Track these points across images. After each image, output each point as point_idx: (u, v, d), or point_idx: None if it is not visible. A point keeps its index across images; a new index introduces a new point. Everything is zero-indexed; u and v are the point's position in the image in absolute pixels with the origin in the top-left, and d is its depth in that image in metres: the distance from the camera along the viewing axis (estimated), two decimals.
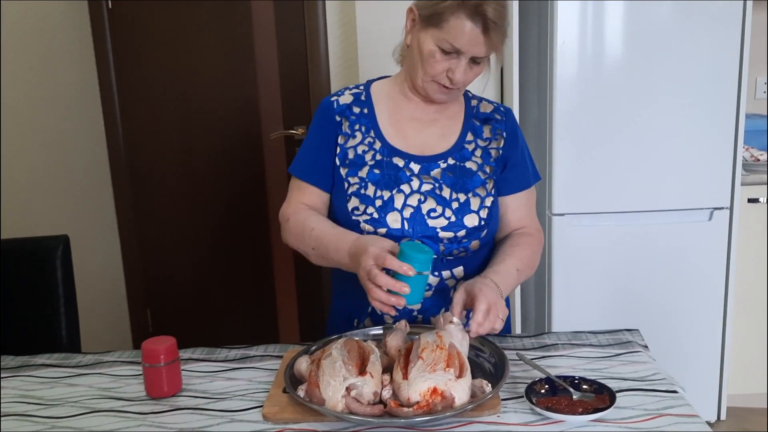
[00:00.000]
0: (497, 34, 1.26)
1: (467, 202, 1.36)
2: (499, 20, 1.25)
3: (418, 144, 1.41)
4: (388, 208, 1.35)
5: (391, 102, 1.44)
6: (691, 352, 2.37)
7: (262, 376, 1.27)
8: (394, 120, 1.43)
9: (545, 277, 2.37)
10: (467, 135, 1.43)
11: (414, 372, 1.06)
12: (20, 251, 1.68)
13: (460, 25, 1.25)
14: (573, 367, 1.24)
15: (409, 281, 1.12)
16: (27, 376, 1.32)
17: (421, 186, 1.37)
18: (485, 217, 1.37)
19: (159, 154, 2.85)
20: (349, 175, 1.39)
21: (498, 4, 1.25)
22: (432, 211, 1.35)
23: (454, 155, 1.40)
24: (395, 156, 1.39)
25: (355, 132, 1.42)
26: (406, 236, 1.34)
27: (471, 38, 1.26)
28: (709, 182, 2.28)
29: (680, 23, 2.17)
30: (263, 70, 2.74)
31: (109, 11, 2.71)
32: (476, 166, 1.40)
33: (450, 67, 1.31)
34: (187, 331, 2.93)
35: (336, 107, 1.44)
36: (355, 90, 1.47)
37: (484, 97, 1.50)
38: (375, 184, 1.36)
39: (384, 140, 1.40)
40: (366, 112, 1.43)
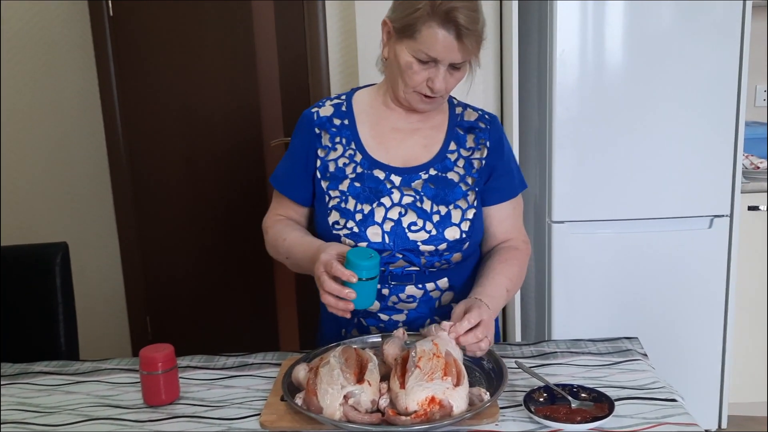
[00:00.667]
0: (471, 39, 1.25)
1: (448, 215, 1.35)
2: (472, 25, 1.23)
3: (400, 155, 1.39)
4: (369, 221, 1.34)
5: (373, 112, 1.43)
6: (691, 360, 2.37)
7: (260, 384, 1.27)
8: (376, 131, 1.41)
9: (545, 285, 2.37)
10: (450, 144, 1.41)
11: (411, 381, 1.06)
12: (19, 258, 1.68)
13: (433, 34, 1.24)
14: (572, 376, 1.24)
15: (355, 287, 1.16)
16: (25, 383, 1.32)
17: (401, 198, 1.35)
18: (466, 229, 1.35)
19: (159, 160, 2.86)
20: (330, 188, 1.38)
21: (469, 9, 1.23)
22: (413, 225, 1.33)
23: (436, 166, 1.38)
24: (376, 168, 1.38)
25: (335, 144, 1.40)
26: (387, 250, 1.33)
27: (445, 46, 1.25)
28: (709, 190, 2.28)
29: (680, 31, 2.18)
30: (264, 75, 2.75)
31: (110, 17, 2.72)
32: (458, 177, 1.38)
33: (429, 77, 1.29)
34: (186, 338, 2.94)
35: (316, 119, 1.42)
36: (337, 101, 1.45)
37: (469, 105, 1.48)
38: (355, 198, 1.36)
39: (365, 152, 1.39)
40: (347, 124, 1.42)
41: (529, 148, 2.46)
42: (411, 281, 1.37)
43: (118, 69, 2.76)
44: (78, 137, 2.93)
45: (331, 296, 1.18)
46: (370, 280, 1.18)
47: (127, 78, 2.78)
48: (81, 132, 2.92)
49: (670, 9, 2.17)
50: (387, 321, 1.39)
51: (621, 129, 2.23)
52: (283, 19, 2.71)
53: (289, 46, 2.71)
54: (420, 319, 1.38)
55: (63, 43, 2.85)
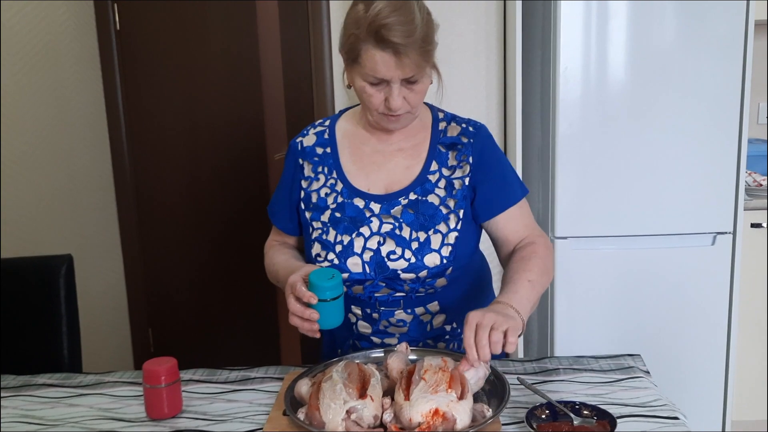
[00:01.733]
0: (412, 52, 1.20)
1: (427, 241, 1.32)
2: (407, 38, 1.19)
3: (381, 179, 1.37)
4: (348, 252, 1.32)
5: (355, 138, 1.41)
6: (694, 377, 2.36)
7: (263, 398, 1.27)
8: (357, 157, 1.40)
9: (548, 301, 2.37)
10: (431, 164, 1.37)
11: (416, 393, 1.06)
12: (24, 270, 1.68)
13: (371, 56, 1.21)
14: (574, 392, 1.24)
15: (318, 308, 1.18)
16: (28, 395, 1.33)
17: (381, 227, 1.33)
18: (447, 255, 1.31)
19: (163, 173, 2.87)
20: (313, 219, 1.38)
21: (401, 23, 1.18)
22: (392, 254, 1.31)
23: (416, 189, 1.35)
24: (356, 197, 1.36)
25: (318, 174, 1.40)
26: (368, 279, 1.32)
27: (386, 66, 1.21)
28: (712, 207, 2.28)
29: (682, 48, 2.19)
30: (268, 84, 2.77)
31: (117, 31, 2.74)
32: (438, 200, 1.35)
33: (386, 96, 1.26)
34: (188, 351, 2.94)
35: (299, 149, 1.42)
36: (320, 128, 1.44)
37: (456, 116, 1.44)
38: (336, 229, 1.35)
39: (346, 181, 1.38)
40: (329, 152, 1.41)
41: (532, 164, 2.47)
42: (399, 306, 1.36)
43: (123, 82, 2.78)
44: (83, 150, 2.95)
45: (296, 317, 1.19)
46: (334, 300, 1.19)
47: (132, 91, 2.80)
48: (86, 145, 2.94)
49: (672, 27, 2.18)
50: (380, 344, 1.39)
51: (624, 145, 2.24)
52: (287, 23, 2.72)
53: (293, 48, 2.72)
54: (413, 342, 1.36)
55: (69, 56, 2.88)
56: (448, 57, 2.51)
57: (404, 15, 1.19)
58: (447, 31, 2.49)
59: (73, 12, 2.84)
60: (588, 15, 2.18)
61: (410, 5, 1.21)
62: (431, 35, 1.25)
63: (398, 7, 1.19)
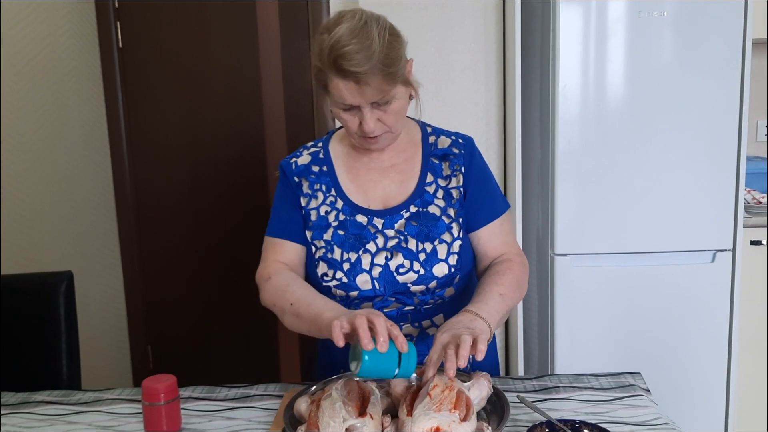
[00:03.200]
0: (373, 77, 1.20)
1: (434, 252, 1.33)
2: (365, 65, 1.18)
3: (379, 196, 1.39)
4: (357, 270, 1.32)
5: (348, 157, 1.42)
6: (694, 396, 2.35)
7: (262, 416, 1.26)
8: (353, 174, 1.40)
9: (548, 318, 2.36)
10: (427, 176, 1.39)
11: (419, 408, 1.05)
12: (24, 287, 1.68)
13: (335, 85, 1.22)
14: (574, 411, 1.23)
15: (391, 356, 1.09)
16: (27, 413, 1.32)
17: (386, 242, 1.34)
18: (455, 263, 1.33)
19: (164, 192, 2.88)
20: (315, 238, 1.37)
21: (357, 50, 1.18)
22: (400, 267, 1.32)
23: (416, 202, 1.37)
24: (358, 214, 1.37)
25: (316, 192, 1.40)
26: (378, 296, 1.33)
27: (350, 93, 1.22)
28: (712, 224, 2.29)
29: (681, 66, 2.20)
30: (269, 103, 2.78)
31: (119, 49, 2.76)
32: (439, 210, 1.36)
33: (360, 120, 1.27)
34: (188, 368, 2.93)
35: (294, 169, 1.41)
36: (314, 148, 1.45)
37: (443, 130, 1.45)
38: (341, 247, 1.34)
39: (345, 198, 1.38)
40: (326, 170, 1.41)
41: (531, 181, 2.48)
42: (407, 320, 1.37)
43: (125, 99, 2.79)
44: (84, 167, 2.96)
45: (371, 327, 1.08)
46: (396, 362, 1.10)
47: (134, 108, 2.81)
48: (87, 162, 2.95)
49: (670, 45, 2.20)
50: None
51: (623, 163, 2.25)
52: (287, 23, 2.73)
53: (293, 48, 2.73)
54: (419, 357, 1.35)
55: (72, 73, 2.89)
56: (447, 75, 2.52)
57: (362, 41, 1.19)
58: (447, 49, 2.51)
59: (76, 30, 2.86)
60: (586, 34, 2.20)
61: (369, 29, 1.21)
62: (395, 56, 1.24)
63: (357, 34, 1.19)
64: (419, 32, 2.49)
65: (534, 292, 2.52)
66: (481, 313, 1.22)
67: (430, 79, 2.52)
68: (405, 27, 2.57)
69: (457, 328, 1.16)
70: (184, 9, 2.74)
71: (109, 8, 2.72)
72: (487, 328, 1.20)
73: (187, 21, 2.75)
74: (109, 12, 2.72)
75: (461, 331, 1.13)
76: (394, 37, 1.26)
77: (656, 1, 2.16)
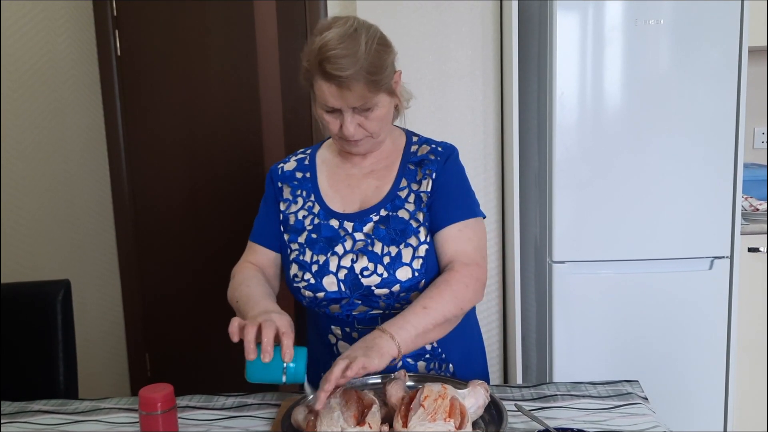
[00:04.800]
0: (356, 83, 1.23)
1: (399, 255, 1.34)
2: (349, 70, 1.21)
3: (356, 200, 1.41)
4: (324, 272, 1.35)
5: (332, 163, 1.47)
6: (693, 402, 2.35)
7: (259, 425, 1.26)
8: (333, 180, 1.44)
9: (546, 325, 2.36)
10: (401, 181, 1.41)
11: (414, 420, 1.05)
12: (21, 296, 1.68)
13: (320, 87, 1.26)
14: (572, 419, 1.23)
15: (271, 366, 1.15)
16: (24, 422, 1.32)
17: (354, 245, 1.36)
18: (419, 267, 1.34)
19: (162, 199, 2.88)
20: (291, 241, 1.42)
21: (342, 55, 1.21)
22: (365, 270, 1.34)
23: (387, 206, 1.39)
24: (332, 218, 1.40)
25: (296, 197, 1.44)
26: (344, 298, 1.35)
27: (333, 96, 1.25)
28: (709, 231, 2.29)
29: (678, 74, 2.21)
30: (267, 112, 2.78)
31: (118, 57, 2.76)
32: (408, 214, 1.38)
33: (340, 123, 1.31)
34: (186, 376, 2.92)
35: (279, 174, 1.48)
36: (302, 155, 1.51)
37: (431, 140, 1.46)
38: (312, 249, 1.37)
39: (322, 203, 1.42)
40: (308, 177, 1.46)
41: (529, 189, 2.48)
42: (377, 323, 1.36)
43: (123, 107, 2.80)
44: (82, 175, 2.96)
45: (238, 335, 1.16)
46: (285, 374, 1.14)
47: (132, 116, 2.81)
48: (85, 169, 2.95)
49: (667, 53, 2.21)
50: None
51: (620, 170, 2.25)
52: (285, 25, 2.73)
53: (291, 50, 2.74)
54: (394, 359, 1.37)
55: (70, 81, 2.90)
56: (445, 82, 2.53)
57: (348, 47, 1.22)
58: (444, 56, 2.52)
59: (74, 37, 2.87)
60: (583, 41, 2.21)
61: (358, 36, 1.24)
62: (380, 65, 1.26)
63: (345, 39, 1.23)
64: (417, 40, 2.49)
65: (532, 300, 2.52)
66: (390, 330, 1.21)
67: (427, 87, 2.52)
68: (403, 34, 2.59)
69: (355, 349, 1.17)
70: (182, 17, 2.74)
71: (108, 16, 2.72)
72: (390, 345, 1.19)
73: (184, 28, 2.76)
74: (108, 20, 2.73)
75: (353, 353, 1.15)
76: (383, 46, 1.29)
77: (653, 9, 2.16)
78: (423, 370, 1.42)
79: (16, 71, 2.88)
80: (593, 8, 2.19)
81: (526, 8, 2.42)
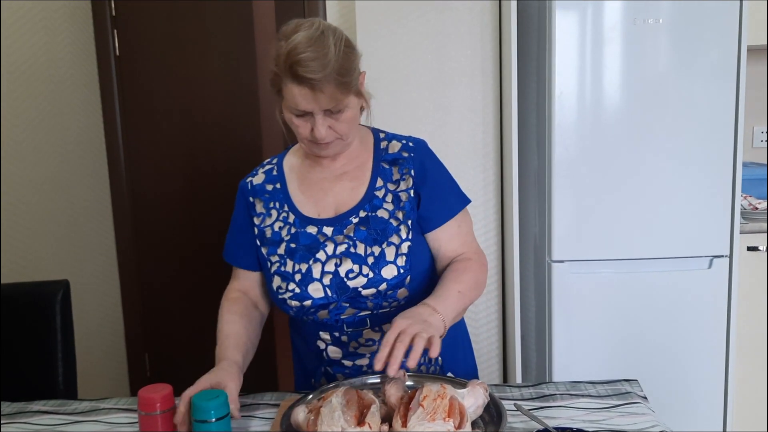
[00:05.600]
0: (327, 85, 1.23)
1: (382, 254, 1.34)
2: (320, 73, 1.21)
3: (330, 204, 1.40)
4: (308, 279, 1.34)
5: (301, 169, 1.45)
6: (693, 401, 2.35)
7: (258, 425, 1.26)
8: (305, 187, 1.43)
9: (545, 324, 2.36)
10: (377, 181, 1.40)
11: (413, 420, 1.05)
12: (20, 296, 1.68)
13: (290, 90, 1.25)
14: (571, 418, 1.23)
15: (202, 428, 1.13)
16: (23, 422, 1.32)
17: (336, 249, 1.35)
18: (403, 264, 1.34)
19: (162, 199, 2.88)
20: (270, 254, 1.40)
21: (312, 58, 1.21)
22: (350, 272, 1.33)
23: (365, 207, 1.38)
24: (308, 225, 1.39)
25: (270, 210, 1.43)
26: (331, 302, 1.34)
27: (304, 99, 1.25)
28: (709, 230, 2.29)
29: (677, 74, 2.21)
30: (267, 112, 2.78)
31: (117, 57, 2.76)
32: (388, 214, 1.38)
33: (311, 126, 1.29)
34: (186, 376, 2.91)
35: (249, 189, 1.46)
36: (269, 166, 1.48)
37: (396, 135, 1.47)
38: (292, 259, 1.36)
39: (297, 211, 1.41)
40: (279, 187, 1.44)
41: (528, 189, 2.48)
42: (366, 325, 1.38)
43: (122, 107, 2.80)
44: (81, 175, 2.96)
45: None
46: (219, 421, 1.13)
47: (131, 116, 2.81)
48: (84, 170, 2.95)
49: (666, 52, 2.21)
50: (351, 367, 1.40)
51: (619, 169, 2.25)
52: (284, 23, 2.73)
53: None
54: None
55: (69, 82, 2.90)
56: (444, 83, 2.53)
57: (318, 50, 1.22)
58: (444, 57, 2.52)
59: (72, 38, 2.87)
60: (582, 41, 2.21)
61: (326, 39, 1.24)
62: (349, 66, 1.27)
63: (313, 42, 1.23)
64: (417, 40, 2.49)
65: (532, 299, 2.52)
66: (438, 309, 1.25)
67: (426, 87, 2.52)
68: (402, 35, 2.59)
69: (416, 319, 1.19)
70: (181, 17, 2.74)
71: (106, 16, 2.72)
72: (441, 325, 1.23)
73: (183, 28, 2.75)
74: (106, 19, 2.73)
75: (417, 326, 1.17)
76: (350, 48, 1.30)
77: (651, 8, 2.16)
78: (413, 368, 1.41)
79: (14, 71, 2.88)
80: (592, 8, 2.19)
81: (525, 8, 2.42)
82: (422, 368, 1.42)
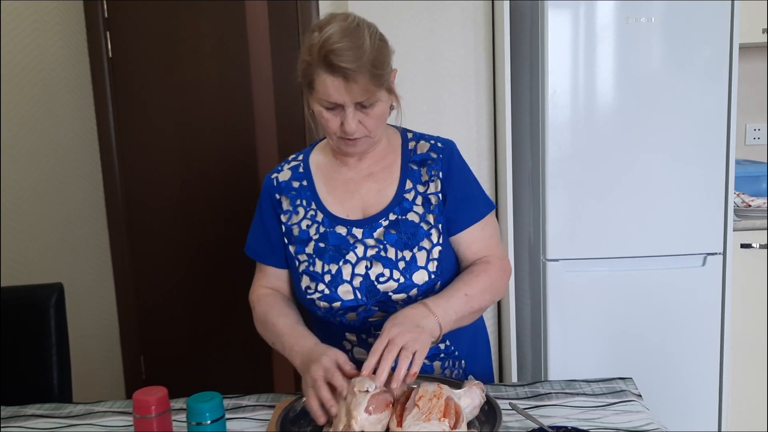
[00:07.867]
0: (362, 76, 1.22)
1: (413, 259, 1.33)
2: (355, 63, 1.20)
3: (357, 205, 1.39)
4: (338, 281, 1.33)
5: (328, 168, 1.43)
6: (687, 398, 2.36)
7: (254, 427, 1.26)
8: (331, 186, 1.41)
9: (541, 323, 2.37)
10: (406, 183, 1.39)
11: (409, 420, 1.05)
12: (14, 299, 1.67)
13: (322, 81, 1.23)
14: (566, 417, 1.24)
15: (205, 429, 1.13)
16: (18, 426, 1.31)
17: (366, 251, 1.34)
18: (434, 270, 1.33)
19: (156, 201, 2.87)
20: (298, 252, 1.38)
21: (348, 48, 1.20)
22: (380, 276, 1.32)
23: (395, 210, 1.36)
24: (338, 225, 1.37)
25: (297, 207, 1.40)
26: (361, 305, 1.33)
27: (337, 90, 1.23)
28: (702, 228, 2.30)
29: (669, 72, 2.22)
30: (260, 113, 2.78)
31: (110, 59, 2.75)
32: (418, 217, 1.36)
33: (341, 121, 1.28)
34: (181, 378, 2.92)
35: (275, 185, 1.43)
36: (294, 162, 1.46)
37: (424, 135, 1.45)
38: (321, 259, 1.35)
39: (325, 210, 1.39)
40: (305, 185, 1.42)
41: (522, 187, 2.49)
42: None
43: (116, 110, 2.79)
44: (75, 177, 2.95)
45: (316, 401, 1.14)
46: (214, 423, 1.14)
47: (124, 118, 2.80)
48: (78, 172, 2.94)
49: (659, 50, 2.21)
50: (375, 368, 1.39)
51: (613, 168, 2.26)
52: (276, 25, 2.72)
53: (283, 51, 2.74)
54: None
55: (61, 84, 2.89)
56: (438, 82, 2.53)
57: (353, 40, 1.21)
58: (437, 57, 2.52)
59: (65, 39, 2.86)
60: (575, 40, 2.21)
61: (361, 30, 1.24)
62: (383, 60, 1.26)
63: (348, 33, 1.22)
64: (409, 40, 2.49)
65: (526, 298, 2.52)
66: (436, 311, 1.23)
67: (420, 87, 2.52)
68: (395, 35, 2.58)
69: (407, 326, 1.17)
70: (174, 18, 2.74)
71: (99, 17, 2.71)
72: (436, 328, 1.21)
73: (176, 29, 2.75)
74: (99, 21, 2.72)
75: (407, 335, 1.15)
76: (384, 42, 1.29)
77: (644, 7, 2.17)
78: (438, 369, 1.41)
79: (7, 74, 2.87)
80: (584, 7, 2.19)
81: (518, 8, 2.43)
82: (446, 372, 1.42)
